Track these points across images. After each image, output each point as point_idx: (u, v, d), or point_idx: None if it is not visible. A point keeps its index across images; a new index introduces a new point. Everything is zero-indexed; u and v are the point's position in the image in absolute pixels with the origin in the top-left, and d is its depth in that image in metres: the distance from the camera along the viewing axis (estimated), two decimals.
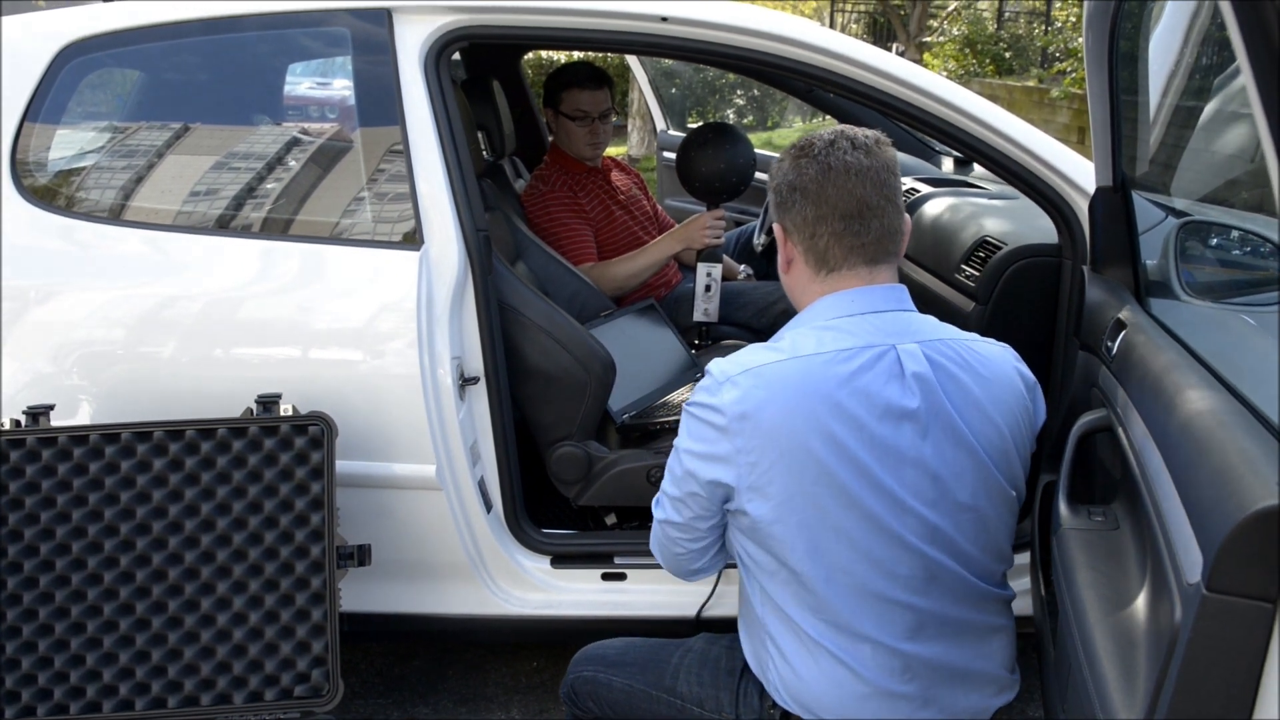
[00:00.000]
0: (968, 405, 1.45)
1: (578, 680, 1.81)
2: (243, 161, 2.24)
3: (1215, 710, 1.05)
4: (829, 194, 1.46)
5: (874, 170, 1.47)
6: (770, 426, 1.40)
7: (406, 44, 2.12)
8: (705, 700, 1.68)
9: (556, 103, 3.10)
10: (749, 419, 1.40)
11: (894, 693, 1.50)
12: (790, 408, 1.40)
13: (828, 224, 1.47)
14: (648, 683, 1.73)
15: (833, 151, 1.47)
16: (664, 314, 2.92)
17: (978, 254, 2.41)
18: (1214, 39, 1.61)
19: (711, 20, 2.10)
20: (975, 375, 1.47)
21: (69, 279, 2.16)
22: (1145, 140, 1.86)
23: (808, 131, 1.61)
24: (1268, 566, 0.97)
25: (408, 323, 2.07)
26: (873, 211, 1.46)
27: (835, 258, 1.49)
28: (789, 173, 1.50)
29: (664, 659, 1.76)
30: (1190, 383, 1.30)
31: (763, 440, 1.40)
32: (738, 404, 1.41)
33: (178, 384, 2.11)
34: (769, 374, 1.42)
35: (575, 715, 1.84)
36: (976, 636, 1.56)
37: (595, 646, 1.85)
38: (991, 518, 1.51)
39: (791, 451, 1.40)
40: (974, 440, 1.46)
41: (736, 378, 1.43)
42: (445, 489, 2.13)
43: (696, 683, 1.70)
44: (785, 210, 1.52)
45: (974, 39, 13.30)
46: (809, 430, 1.39)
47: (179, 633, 1.93)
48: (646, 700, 1.73)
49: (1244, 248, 1.76)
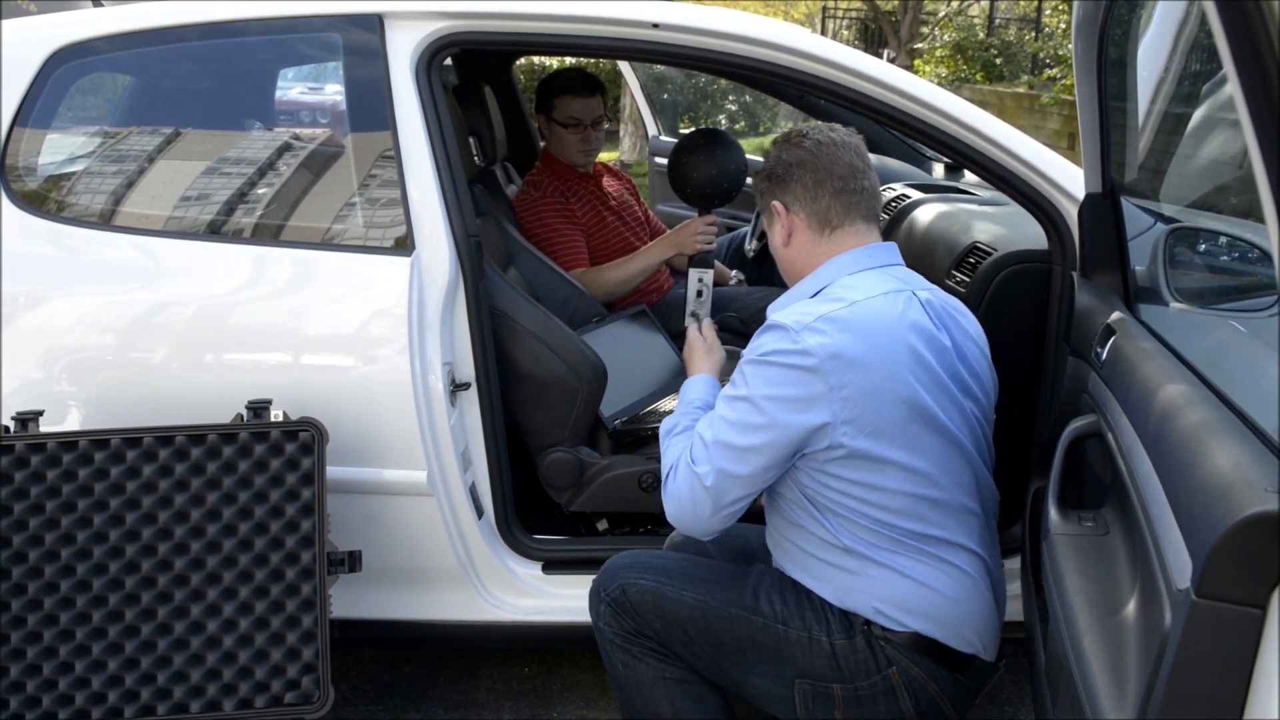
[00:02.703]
0: (967, 339, 1.74)
1: (634, 589, 1.78)
2: (234, 167, 2.24)
3: (1204, 715, 1.05)
4: (824, 161, 1.71)
5: (854, 145, 1.74)
6: (862, 362, 1.56)
7: (398, 50, 2.12)
8: (790, 618, 1.71)
9: (549, 109, 3.10)
10: (840, 358, 1.55)
11: (992, 580, 1.74)
12: (874, 344, 1.57)
13: (828, 185, 1.70)
14: (726, 600, 1.74)
15: (818, 132, 1.74)
16: (655, 319, 2.92)
17: (968, 260, 2.42)
18: (1202, 45, 1.62)
19: (703, 26, 2.10)
20: (964, 316, 1.78)
21: (59, 284, 2.16)
22: (1134, 146, 1.87)
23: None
24: (1257, 572, 0.98)
25: (399, 328, 2.06)
26: (861, 173, 1.72)
27: (837, 215, 1.71)
28: (782, 154, 1.75)
29: (739, 577, 1.79)
30: (1179, 388, 1.30)
31: (857, 375, 1.56)
32: (826, 346, 1.56)
33: (168, 390, 2.10)
34: (844, 317, 1.59)
35: (622, 627, 1.80)
36: (992, 513, 1.81)
37: (642, 555, 1.86)
38: (989, 426, 1.80)
39: (884, 381, 1.57)
40: (976, 366, 1.75)
41: (815, 325, 1.58)
42: (436, 495, 2.13)
43: (780, 602, 1.72)
44: (783, 186, 1.74)
45: (965, 45, 13.35)
46: (894, 359, 1.58)
47: (168, 639, 1.92)
48: (724, 619, 1.73)
49: (1232, 253, 1.76)
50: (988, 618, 1.72)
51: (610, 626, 1.82)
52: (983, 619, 1.71)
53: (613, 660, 1.84)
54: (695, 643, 1.76)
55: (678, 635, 1.76)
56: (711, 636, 1.74)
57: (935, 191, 3.19)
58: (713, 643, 1.75)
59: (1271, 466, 1.01)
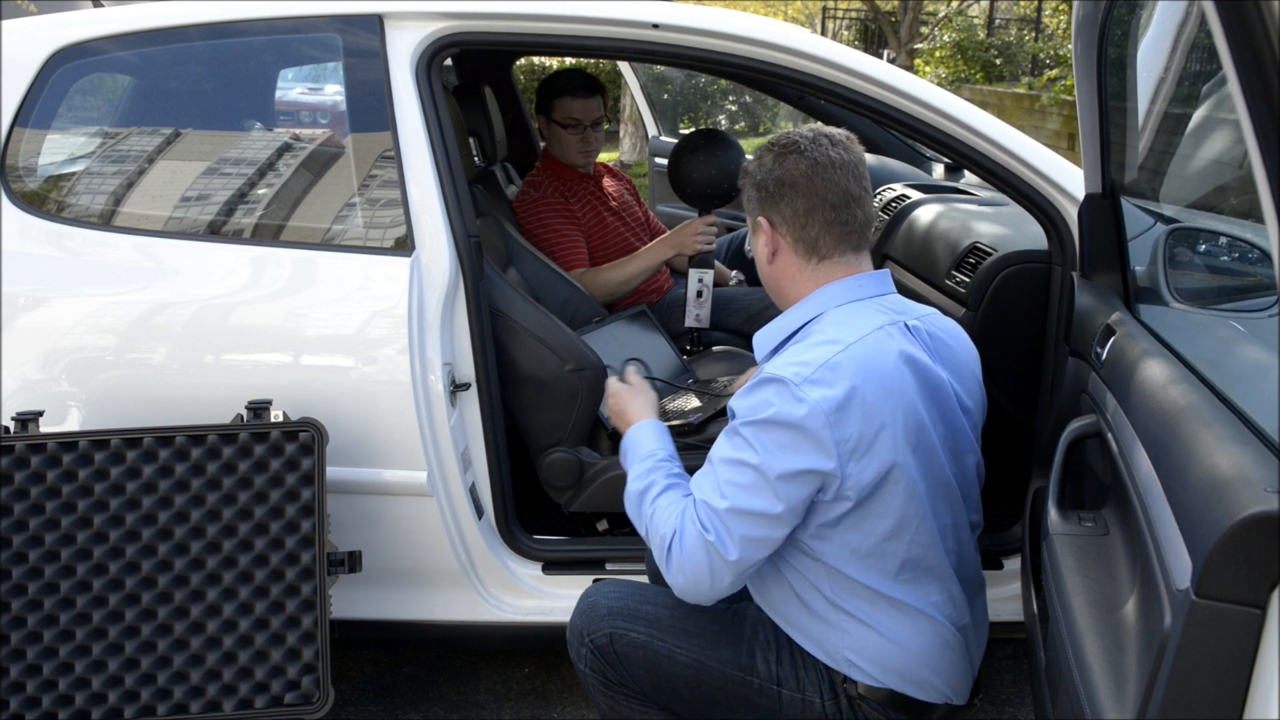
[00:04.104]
0: (958, 366, 1.66)
1: (623, 642, 1.71)
2: (234, 167, 2.24)
3: (1204, 716, 1.05)
4: (818, 187, 1.58)
5: (853, 164, 1.60)
6: (865, 406, 1.49)
7: (398, 50, 2.12)
8: (785, 679, 1.66)
9: (549, 110, 3.10)
10: (845, 408, 1.48)
11: (962, 624, 1.65)
12: (875, 385, 1.50)
13: (819, 214, 1.59)
14: (721, 660, 1.68)
15: (817, 148, 1.59)
16: (655, 320, 2.92)
17: (968, 260, 2.42)
18: (1202, 45, 1.62)
19: (703, 27, 2.10)
20: (956, 340, 1.69)
21: (59, 285, 2.16)
22: (1134, 147, 1.87)
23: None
24: (1256, 572, 0.98)
25: (399, 329, 2.06)
26: (856, 201, 1.60)
27: (826, 246, 1.61)
28: (774, 168, 1.61)
29: (734, 631, 1.71)
30: (1179, 389, 1.30)
31: (860, 421, 1.49)
32: (829, 400, 1.47)
33: (168, 390, 2.10)
34: (842, 363, 1.50)
35: (605, 676, 1.74)
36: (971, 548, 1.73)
37: (629, 596, 1.75)
38: (976, 458, 1.72)
39: (886, 423, 1.50)
40: (965, 396, 1.66)
41: (815, 376, 1.49)
42: (436, 495, 2.13)
43: (776, 661, 1.67)
44: (772, 204, 1.62)
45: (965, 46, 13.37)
46: (894, 399, 1.51)
47: (168, 640, 1.92)
48: (719, 678, 1.68)
49: (1232, 254, 1.76)
50: (959, 664, 1.66)
51: (594, 672, 1.76)
52: (954, 666, 1.65)
53: (596, 699, 1.80)
54: (683, 698, 1.72)
55: (665, 690, 1.72)
56: (702, 694, 1.70)
57: (935, 191, 3.19)
58: (704, 700, 1.71)
59: (1271, 466, 1.01)
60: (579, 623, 1.77)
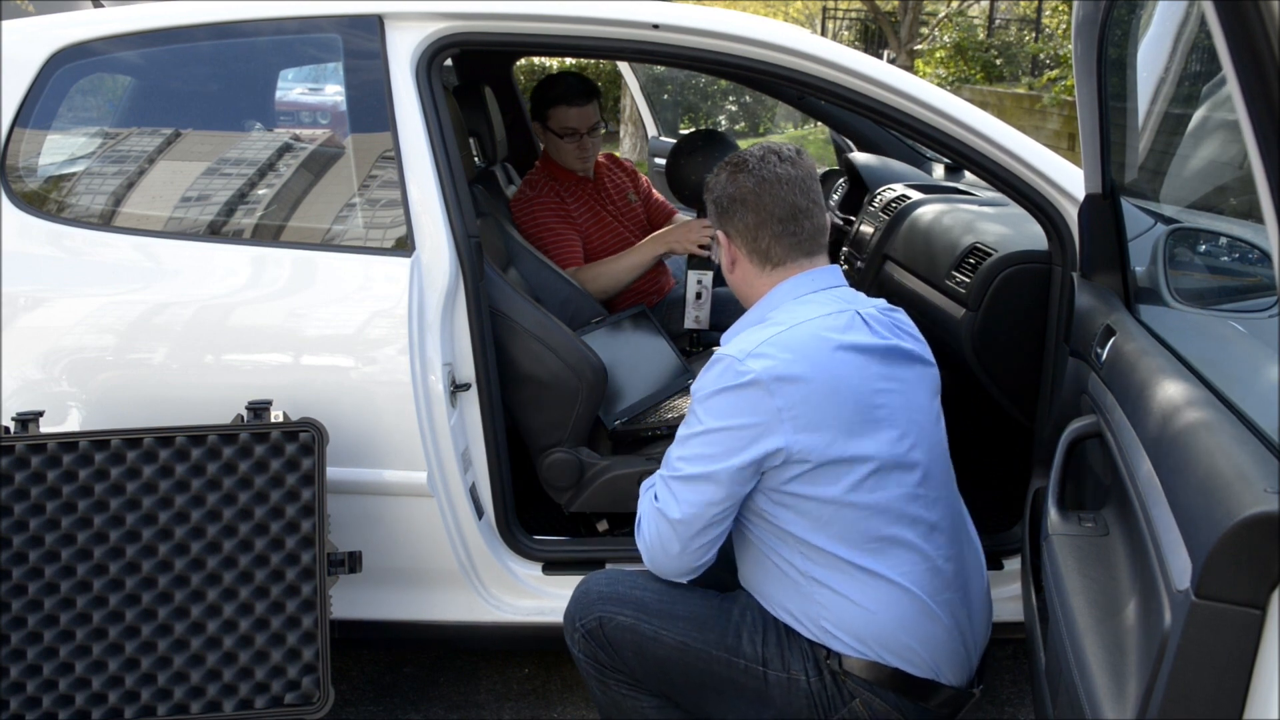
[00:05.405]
0: (917, 345, 1.76)
1: (611, 625, 1.75)
2: (234, 168, 2.24)
3: (1204, 716, 1.05)
4: (766, 202, 1.69)
5: (800, 179, 1.70)
6: (806, 378, 1.58)
7: (398, 51, 2.12)
8: (770, 659, 1.69)
9: (544, 118, 3.08)
10: (785, 379, 1.57)
11: (943, 599, 1.68)
12: (817, 360, 1.59)
13: (768, 228, 1.70)
14: (706, 641, 1.72)
15: (764, 165, 1.70)
16: (655, 320, 2.92)
17: (968, 260, 2.42)
18: (1202, 46, 1.62)
19: (703, 27, 2.10)
20: (911, 329, 1.78)
21: (59, 285, 2.16)
22: (1134, 147, 1.87)
23: (791, 139, 1.70)
24: (1256, 573, 0.98)
25: (399, 329, 2.06)
26: (804, 214, 1.71)
27: (778, 255, 1.72)
28: (727, 186, 1.73)
29: (721, 614, 1.75)
30: (1179, 389, 1.30)
31: (803, 392, 1.58)
32: (770, 369, 1.57)
33: (168, 390, 2.10)
34: (786, 340, 1.60)
35: (597, 660, 1.79)
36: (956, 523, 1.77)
37: (620, 582, 1.81)
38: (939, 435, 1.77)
39: (830, 394, 1.59)
40: (923, 372, 1.74)
41: (758, 350, 1.59)
42: (436, 496, 2.13)
43: (762, 643, 1.71)
44: (728, 218, 1.74)
45: (965, 46, 13.36)
46: (838, 372, 1.60)
47: (169, 640, 1.92)
48: (704, 659, 1.72)
49: (1232, 254, 1.77)
50: (945, 641, 1.68)
51: (586, 656, 1.80)
52: (938, 640, 1.67)
53: (590, 685, 1.84)
54: (673, 681, 1.75)
55: (654, 673, 1.75)
56: (690, 676, 1.73)
57: (935, 191, 3.19)
58: (692, 683, 1.74)
59: (1271, 466, 1.01)
60: (572, 609, 1.83)
